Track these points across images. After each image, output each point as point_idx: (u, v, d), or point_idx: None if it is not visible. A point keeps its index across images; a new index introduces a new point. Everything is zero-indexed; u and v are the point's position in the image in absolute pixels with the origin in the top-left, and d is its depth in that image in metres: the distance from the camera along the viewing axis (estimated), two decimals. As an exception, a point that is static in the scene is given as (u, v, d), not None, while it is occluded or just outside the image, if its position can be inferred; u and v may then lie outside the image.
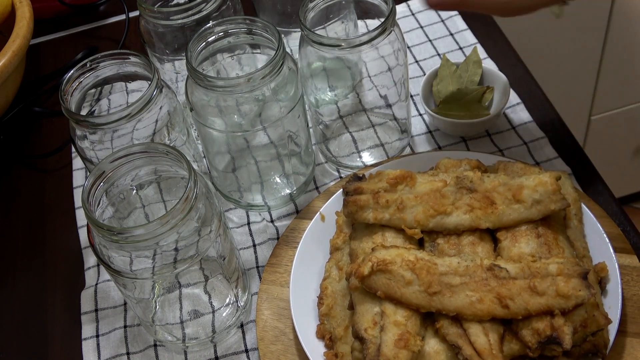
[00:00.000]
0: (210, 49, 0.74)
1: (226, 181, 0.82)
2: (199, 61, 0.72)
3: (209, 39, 0.73)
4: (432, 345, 0.61)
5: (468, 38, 0.99)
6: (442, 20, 1.02)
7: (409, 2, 1.05)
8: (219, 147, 0.79)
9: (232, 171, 0.82)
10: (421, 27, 1.02)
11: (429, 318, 0.63)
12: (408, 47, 0.99)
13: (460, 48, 0.98)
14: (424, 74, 0.93)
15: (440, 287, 0.60)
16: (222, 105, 0.72)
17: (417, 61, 0.98)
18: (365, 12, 0.86)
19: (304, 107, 0.78)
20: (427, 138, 0.87)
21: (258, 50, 0.77)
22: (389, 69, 0.79)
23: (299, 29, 0.86)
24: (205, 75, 0.68)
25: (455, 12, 1.03)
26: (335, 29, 0.87)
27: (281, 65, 0.70)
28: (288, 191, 0.83)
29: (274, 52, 0.69)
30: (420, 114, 0.90)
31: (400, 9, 1.04)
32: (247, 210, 0.83)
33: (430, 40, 1.00)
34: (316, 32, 0.73)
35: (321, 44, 0.72)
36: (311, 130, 0.87)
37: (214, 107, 0.73)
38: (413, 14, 1.04)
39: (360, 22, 0.95)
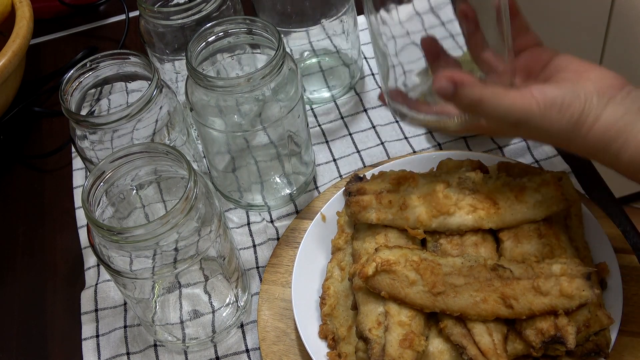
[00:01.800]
0: (210, 49, 0.74)
1: (226, 181, 0.82)
2: (199, 61, 0.72)
3: (209, 39, 0.73)
4: (436, 345, 0.61)
5: (468, 38, 0.98)
6: (443, 24, 1.02)
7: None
8: (219, 147, 0.79)
9: (232, 171, 0.82)
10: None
11: (432, 318, 0.63)
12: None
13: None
14: (424, 74, 0.93)
15: (444, 288, 0.60)
16: (222, 105, 0.72)
17: (417, 61, 0.98)
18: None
19: (304, 107, 0.78)
20: (427, 138, 0.87)
21: (258, 50, 0.77)
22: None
23: (299, 29, 0.86)
24: (205, 75, 0.68)
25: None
26: (333, 28, 0.87)
27: (281, 65, 0.70)
28: (288, 191, 0.83)
29: (274, 52, 0.69)
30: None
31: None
32: (247, 210, 0.83)
33: (430, 40, 1.00)
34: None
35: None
36: (311, 130, 0.87)
37: (214, 107, 0.73)
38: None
39: (363, 19, 0.95)
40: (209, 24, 0.73)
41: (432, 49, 0.60)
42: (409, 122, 0.63)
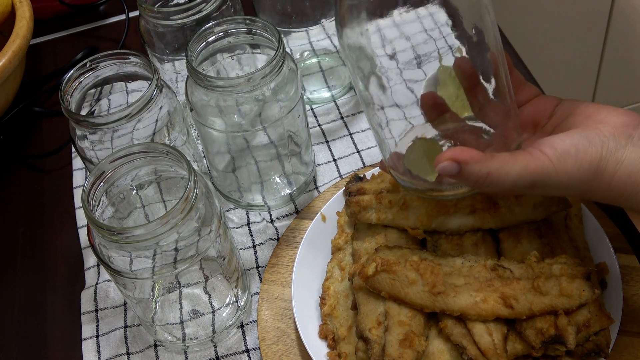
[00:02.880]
0: (210, 49, 0.74)
1: (226, 181, 0.82)
2: (199, 61, 0.72)
3: (209, 39, 0.73)
4: (436, 345, 0.61)
5: (468, 38, 0.98)
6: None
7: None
8: (219, 147, 0.79)
9: (232, 171, 0.82)
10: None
11: (432, 318, 0.63)
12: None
13: (460, 48, 0.97)
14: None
15: (444, 287, 0.60)
16: (222, 105, 0.72)
17: (417, 61, 0.97)
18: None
19: (304, 107, 0.79)
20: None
21: (258, 50, 0.77)
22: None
23: (299, 29, 0.86)
24: (205, 75, 0.68)
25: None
26: (333, 28, 0.87)
27: (281, 65, 0.70)
28: (288, 191, 0.83)
29: (274, 52, 0.69)
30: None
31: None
32: (247, 211, 0.83)
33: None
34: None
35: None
36: (311, 130, 0.87)
37: (214, 107, 0.73)
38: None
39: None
40: (209, 24, 0.72)
41: (432, 106, 0.57)
42: (414, 194, 0.60)
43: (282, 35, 0.72)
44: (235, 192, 0.83)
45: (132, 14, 1.09)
